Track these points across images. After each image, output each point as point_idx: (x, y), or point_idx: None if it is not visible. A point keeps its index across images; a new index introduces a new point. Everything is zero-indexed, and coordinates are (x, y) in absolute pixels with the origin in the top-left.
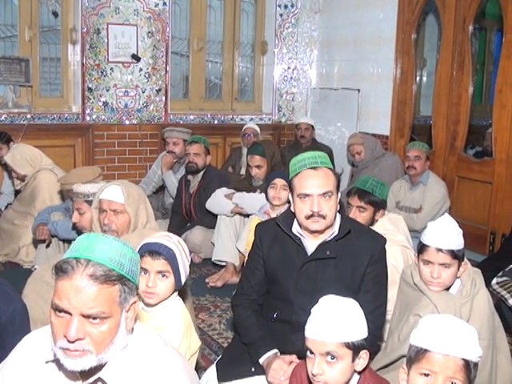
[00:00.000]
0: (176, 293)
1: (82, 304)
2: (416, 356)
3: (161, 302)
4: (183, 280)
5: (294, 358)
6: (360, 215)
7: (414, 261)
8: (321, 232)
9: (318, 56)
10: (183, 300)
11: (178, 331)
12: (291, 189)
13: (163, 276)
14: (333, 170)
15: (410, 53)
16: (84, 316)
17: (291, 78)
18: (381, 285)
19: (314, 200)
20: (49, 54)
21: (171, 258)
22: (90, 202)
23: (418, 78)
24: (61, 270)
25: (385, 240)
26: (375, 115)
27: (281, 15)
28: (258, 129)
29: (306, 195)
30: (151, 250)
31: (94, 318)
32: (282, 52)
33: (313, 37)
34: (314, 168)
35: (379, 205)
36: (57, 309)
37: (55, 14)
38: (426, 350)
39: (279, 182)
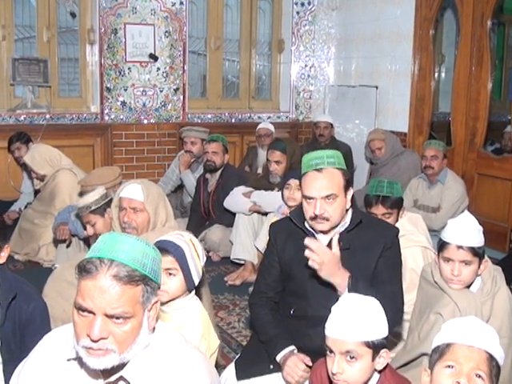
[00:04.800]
0: (193, 293)
1: (105, 304)
2: (440, 353)
3: (172, 300)
4: (196, 279)
5: (307, 360)
6: (388, 220)
7: (433, 259)
8: (327, 232)
9: (336, 53)
10: (202, 297)
11: (196, 332)
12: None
13: (170, 274)
14: (341, 168)
15: (428, 49)
16: (107, 316)
17: (308, 75)
18: (395, 271)
19: (316, 203)
20: (67, 54)
21: (179, 256)
22: (95, 212)
23: (436, 74)
24: (84, 269)
25: (397, 230)
26: (393, 112)
27: (297, 13)
28: (271, 128)
29: (310, 197)
30: (159, 247)
31: (117, 318)
32: (299, 50)
33: (330, 34)
34: (318, 170)
35: (401, 204)
36: (80, 308)
37: (73, 15)
38: (450, 344)
39: (293, 182)
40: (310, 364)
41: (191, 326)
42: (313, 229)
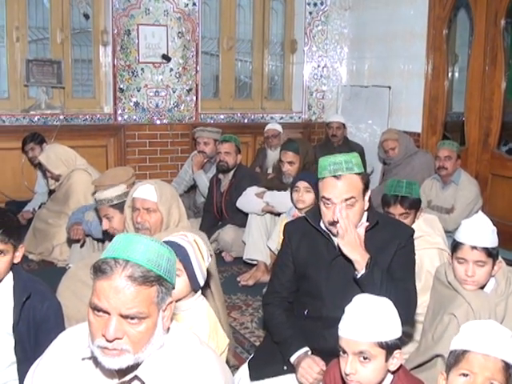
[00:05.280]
0: (198, 293)
1: (120, 304)
2: (456, 359)
3: (178, 301)
4: (201, 280)
5: (322, 364)
6: (405, 221)
7: (447, 259)
8: None
9: (348, 53)
10: (214, 297)
11: (203, 333)
12: (318, 188)
13: None
14: (360, 173)
15: (442, 48)
16: (122, 316)
17: (321, 75)
18: (408, 269)
19: (335, 208)
20: (80, 55)
21: (182, 256)
22: (115, 206)
23: (449, 74)
24: (99, 270)
25: (412, 230)
26: (407, 112)
27: (310, 13)
28: (279, 128)
29: (328, 200)
30: None
31: (132, 318)
32: (311, 50)
33: (343, 34)
34: (336, 177)
35: (419, 205)
36: (95, 308)
37: (86, 16)
38: (465, 351)
39: (302, 184)
40: (324, 368)
41: (198, 327)
42: (329, 230)
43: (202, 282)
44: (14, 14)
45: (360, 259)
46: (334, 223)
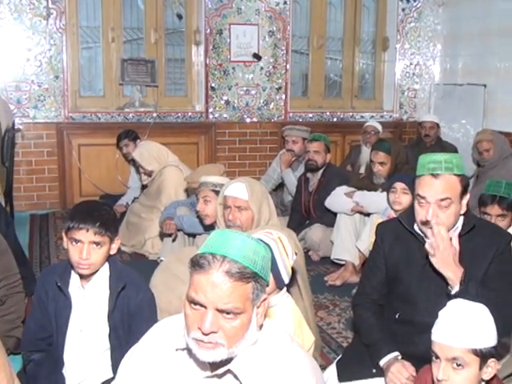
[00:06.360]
0: (283, 290)
1: (217, 299)
2: None
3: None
4: (285, 277)
5: (412, 370)
6: (501, 223)
7: None
8: None
9: (442, 51)
10: (303, 296)
11: (288, 330)
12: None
13: None
14: (460, 175)
15: None
16: (218, 310)
17: (413, 73)
18: (505, 279)
19: (429, 208)
20: (173, 55)
21: None
22: (216, 192)
23: None
24: (198, 264)
25: (510, 236)
26: (503, 112)
27: (403, 10)
28: (379, 127)
29: (423, 198)
30: None
31: (228, 313)
32: (403, 47)
33: (436, 31)
34: (434, 175)
35: None
36: (192, 301)
37: (179, 17)
38: None
39: (399, 185)
40: (414, 374)
41: (283, 324)
42: (423, 232)
43: (286, 280)
44: (109, 16)
45: (453, 276)
46: (426, 223)
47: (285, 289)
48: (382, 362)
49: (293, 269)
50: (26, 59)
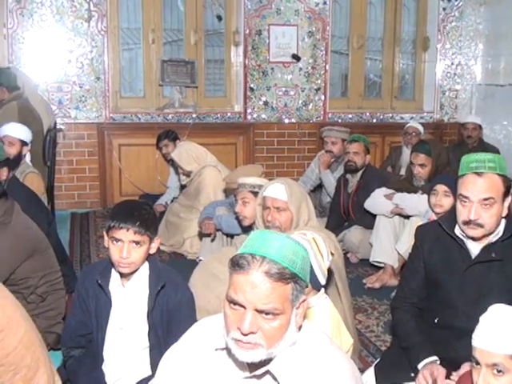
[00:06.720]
0: (321, 292)
1: (256, 299)
2: None
3: None
4: (321, 279)
5: (442, 377)
6: None
7: None
8: (478, 239)
9: (484, 50)
10: (342, 298)
11: (326, 331)
12: (456, 187)
13: None
14: (502, 175)
15: None
16: (257, 311)
17: (454, 74)
18: None
19: (472, 207)
20: (213, 55)
21: None
22: (255, 194)
23: None
24: (237, 264)
25: None
26: None
27: (444, 9)
28: (421, 128)
29: (466, 197)
30: None
31: (267, 314)
32: (444, 47)
33: (478, 30)
34: (478, 174)
35: None
36: (232, 301)
37: (219, 18)
38: None
39: (440, 188)
40: (442, 379)
41: (321, 325)
42: (463, 235)
43: (322, 281)
44: (149, 18)
45: None
46: (469, 222)
47: (323, 290)
48: (421, 366)
49: (329, 270)
50: (68, 61)
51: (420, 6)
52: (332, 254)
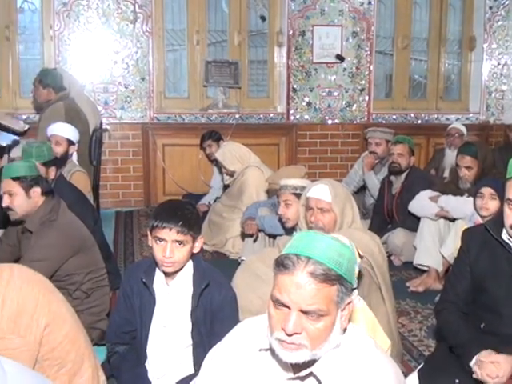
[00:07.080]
0: (355, 293)
1: (301, 300)
2: None
3: None
4: (353, 281)
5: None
6: None
7: None
8: None
9: None
10: (385, 301)
11: None
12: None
13: None
14: None
15: None
16: (302, 312)
17: (501, 74)
18: None
19: None
20: (256, 56)
21: None
22: (297, 195)
23: None
24: (282, 265)
25: None
26: None
27: (490, 8)
28: (463, 129)
29: None
30: None
31: (312, 315)
32: (491, 47)
33: None
34: None
35: None
36: (276, 302)
37: (263, 19)
38: None
39: (486, 190)
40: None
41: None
42: (510, 240)
43: (354, 283)
44: (194, 19)
45: None
46: None
47: (356, 291)
48: (473, 362)
49: (360, 273)
50: (114, 62)
51: (466, 5)
52: (361, 256)
